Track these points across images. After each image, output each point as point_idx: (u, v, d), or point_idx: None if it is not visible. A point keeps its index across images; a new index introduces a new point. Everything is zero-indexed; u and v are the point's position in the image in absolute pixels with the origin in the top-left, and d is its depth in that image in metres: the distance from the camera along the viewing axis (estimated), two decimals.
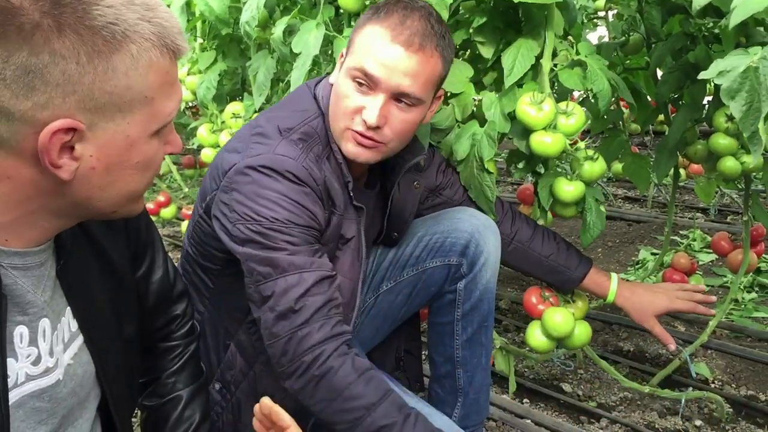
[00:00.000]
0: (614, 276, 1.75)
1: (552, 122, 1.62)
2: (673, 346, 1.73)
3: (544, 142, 1.62)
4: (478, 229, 1.63)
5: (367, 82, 1.32)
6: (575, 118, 1.63)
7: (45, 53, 0.73)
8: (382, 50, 1.31)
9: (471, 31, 1.70)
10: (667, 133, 1.99)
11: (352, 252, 1.42)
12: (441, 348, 1.72)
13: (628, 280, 1.84)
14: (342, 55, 1.40)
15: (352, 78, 1.34)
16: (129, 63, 0.78)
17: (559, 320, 1.69)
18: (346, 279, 1.40)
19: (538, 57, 1.64)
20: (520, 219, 1.75)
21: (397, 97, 1.33)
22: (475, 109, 1.76)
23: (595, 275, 1.74)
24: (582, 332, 1.74)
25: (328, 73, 1.50)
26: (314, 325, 1.24)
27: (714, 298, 1.78)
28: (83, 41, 0.74)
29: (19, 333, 0.86)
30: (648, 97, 2.22)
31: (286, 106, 1.45)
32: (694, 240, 3.75)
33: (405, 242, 1.70)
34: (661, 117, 2.29)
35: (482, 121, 1.69)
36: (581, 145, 1.69)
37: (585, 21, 2.67)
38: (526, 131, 1.65)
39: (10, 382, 0.85)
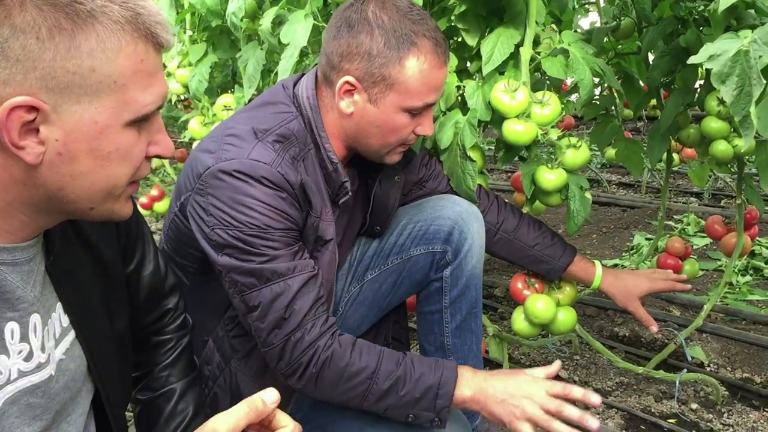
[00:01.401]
0: (598, 263, 1.79)
1: (526, 111, 1.62)
2: (655, 328, 1.79)
3: (516, 130, 1.62)
4: (461, 216, 1.64)
5: (425, 108, 1.39)
6: (550, 108, 1.63)
7: (5, 27, 0.72)
8: (434, 78, 1.37)
9: (453, 18, 1.70)
10: (659, 118, 1.98)
11: (330, 254, 1.42)
12: (431, 337, 1.73)
13: (610, 267, 1.87)
14: (353, 86, 1.35)
15: (407, 111, 1.37)
16: (94, 43, 0.76)
17: (540, 307, 1.71)
18: (323, 280, 1.40)
19: (519, 45, 1.64)
20: (506, 209, 1.76)
21: None
22: (459, 98, 1.76)
23: (579, 263, 1.77)
24: (566, 318, 1.75)
25: (304, 72, 1.48)
26: (305, 327, 1.29)
27: (685, 276, 1.87)
28: (44, 17, 0.73)
29: (10, 329, 0.85)
30: (640, 82, 2.21)
31: (262, 106, 1.42)
32: (688, 224, 3.76)
33: (389, 231, 1.70)
34: (654, 102, 2.29)
35: (465, 110, 1.69)
36: (554, 135, 1.67)
37: (576, 6, 2.66)
38: (502, 119, 1.65)
39: (2, 378, 0.84)
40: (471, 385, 1.32)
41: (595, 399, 1.30)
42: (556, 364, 1.37)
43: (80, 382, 1.00)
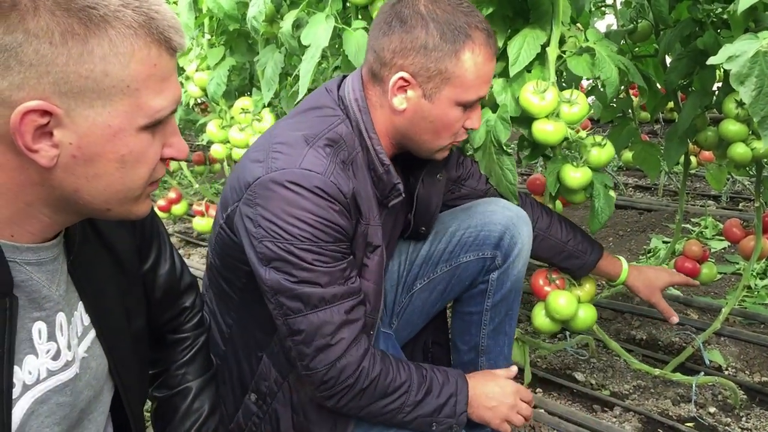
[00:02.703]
0: (622, 258, 1.85)
1: (555, 110, 1.63)
2: (676, 319, 1.87)
3: (546, 130, 1.63)
4: (512, 221, 1.64)
5: (477, 101, 1.38)
6: (578, 106, 1.64)
7: (19, 32, 0.73)
8: (487, 71, 1.34)
9: None
10: (676, 121, 1.98)
11: (379, 258, 1.39)
12: (467, 337, 1.73)
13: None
14: (407, 81, 1.32)
15: (461, 105, 1.35)
16: (107, 48, 0.77)
17: (562, 303, 1.72)
18: (372, 284, 1.38)
19: (545, 45, 1.65)
20: (539, 207, 1.77)
21: None
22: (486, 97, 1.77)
23: (607, 257, 1.81)
24: (587, 315, 1.76)
25: (345, 75, 1.45)
26: (351, 352, 1.28)
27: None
28: (57, 22, 0.74)
29: (38, 329, 0.87)
30: (657, 85, 2.21)
31: (307, 111, 1.38)
32: (706, 227, 3.73)
33: (437, 238, 1.69)
34: (671, 104, 2.28)
35: (493, 108, 1.70)
36: (583, 134, 1.68)
37: (593, 9, 2.66)
38: (530, 119, 1.66)
39: (32, 378, 0.85)
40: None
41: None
42: (514, 369, 1.57)
43: (102, 380, 1.01)
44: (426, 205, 1.60)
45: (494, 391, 1.46)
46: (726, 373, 2.33)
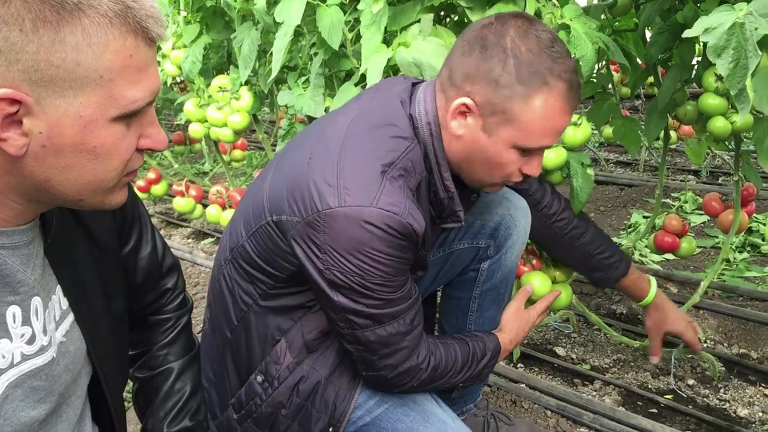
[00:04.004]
0: (653, 281, 1.81)
1: None
2: (655, 360, 1.88)
3: None
4: (509, 212, 1.62)
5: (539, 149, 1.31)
6: None
7: None
8: (557, 124, 1.26)
9: None
10: (656, 95, 1.98)
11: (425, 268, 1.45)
12: (453, 320, 1.73)
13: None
14: (469, 108, 1.25)
15: (519, 149, 1.28)
16: (80, 37, 0.74)
17: (536, 284, 1.73)
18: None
19: None
20: (577, 216, 1.72)
21: None
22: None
23: (634, 277, 1.78)
24: (562, 295, 1.76)
25: (417, 82, 1.38)
26: (413, 357, 1.34)
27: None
28: (29, 8, 0.72)
29: (12, 313, 0.86)
30: (637, 59, 2.20)
31: (383, 128, 1.28)
32: (686, 202, 3.76)
33: None
34: (651, 79, 2.28)
35: None
36: None
37: None
38: None
39: (6, 362, 0.85)
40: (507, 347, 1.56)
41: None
42: (553, 294, 1.71)
43: (80, 364, 1.00)
44: None
45: (522, 329, 1.59)
46: (704, 345, 2.36)
